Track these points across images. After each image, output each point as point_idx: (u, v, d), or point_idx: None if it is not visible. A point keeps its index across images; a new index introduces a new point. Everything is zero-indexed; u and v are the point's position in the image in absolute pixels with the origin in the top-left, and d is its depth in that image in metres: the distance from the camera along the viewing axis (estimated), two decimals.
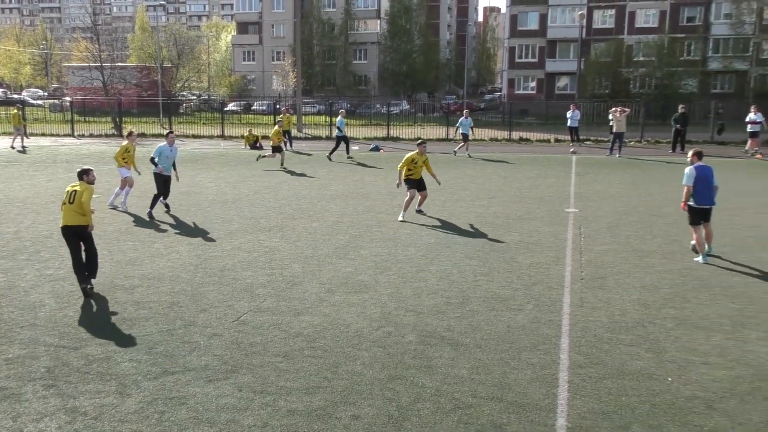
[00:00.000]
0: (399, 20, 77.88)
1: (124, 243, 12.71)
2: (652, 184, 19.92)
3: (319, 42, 77.38)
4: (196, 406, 6.33)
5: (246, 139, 33.30)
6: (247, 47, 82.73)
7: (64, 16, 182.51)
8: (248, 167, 24.58)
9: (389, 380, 6.86)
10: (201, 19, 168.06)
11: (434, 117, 52.63)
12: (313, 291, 9.76)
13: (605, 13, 62.92)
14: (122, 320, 8.58)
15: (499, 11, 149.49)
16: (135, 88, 59.72)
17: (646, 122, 35.83)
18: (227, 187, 19.69)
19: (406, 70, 76.86)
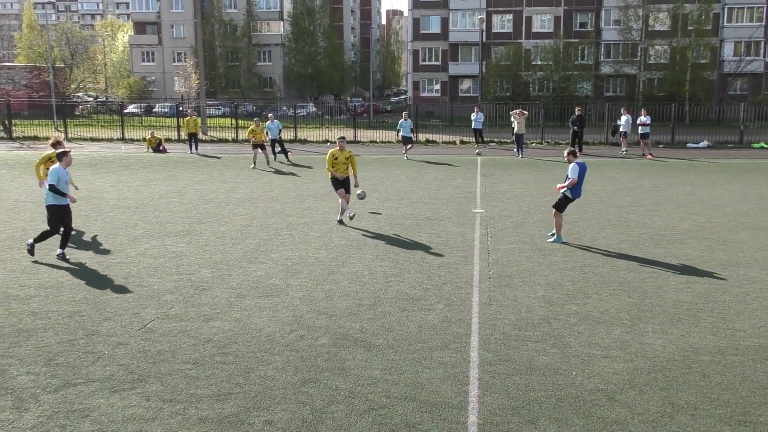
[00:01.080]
0: (302, 22, 77.48)
1: (17, 251, 12.07)
2: (554, 184, 20.62)
3: (222, 43, 75.97)
4: (101, 418, 6.09)
5: (149, 142, 32.30)
6: (146, 48, 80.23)
7: None
8: (151, 171, 23.86)
9: (303, 384, 6.81)
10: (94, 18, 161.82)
11: (342, 119, 52.72)
12: (222, 296, 9.56)
13: (503, 17, 64.81)
14: (18, 331, 8.14)
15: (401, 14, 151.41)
16: (25, 89, 56.87)
17: (545, 124, 37.08)
18: (130, 192, 19.03)
19: (311, 72, 76.56)
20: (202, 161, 27.39)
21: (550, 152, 31.14)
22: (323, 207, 16.64)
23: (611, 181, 21.32)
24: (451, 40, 65.42)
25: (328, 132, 40.72)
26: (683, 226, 14.51)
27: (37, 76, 59.18)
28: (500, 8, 64.18)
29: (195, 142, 31.06)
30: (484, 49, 50.05)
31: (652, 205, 17.13)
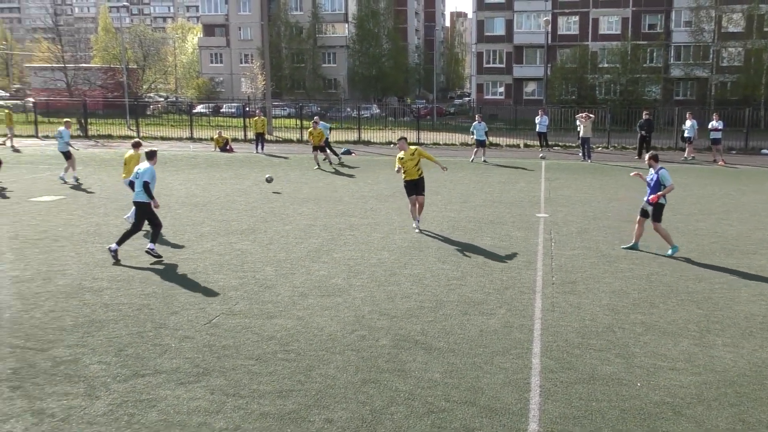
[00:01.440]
0: (367, 24, 77.93)
1: (92, 245, 12.51)
2: (620, 190, 20.20)
3: (287, 45, 77.02)
4: (167, 409, 6.25)
5: (216, 141, 33.02)
6: (214, 49, 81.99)
7: (24, 17, 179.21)
8: (218, 169, 24.39)
9: (363, 384, 6.85)
10: (166, 20, 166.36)
11: (405, 121, 52.78)
12: (285, 294, 9.70)
13: (569, 19, 63.77)
14: (91, 322, 8.44)
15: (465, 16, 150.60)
16: (100, 89, 58.90)
17: (612, 128, 36.32)
18: (197, 190, 19.50)
19: (375, 74, 76.92)
20: (267, 161, 27.84)
21: (616, 157, 30.49)
22: (386, 208, 16.71)
23: (680, 187, 20.73)
24: (516, 42, 64.75)
25: (391, 134, 40.80)
26: (757, 236, 14.00)
27: (111, 77, 61.28)
28: (566, 10, 63.18)
29: (261, 142, 31.62)
30: (549, 52, 49.34)
31: (723, 213, 16.59)
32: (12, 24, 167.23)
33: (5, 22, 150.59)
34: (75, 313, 8.80)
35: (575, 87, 58.44)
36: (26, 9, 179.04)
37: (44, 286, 9.92)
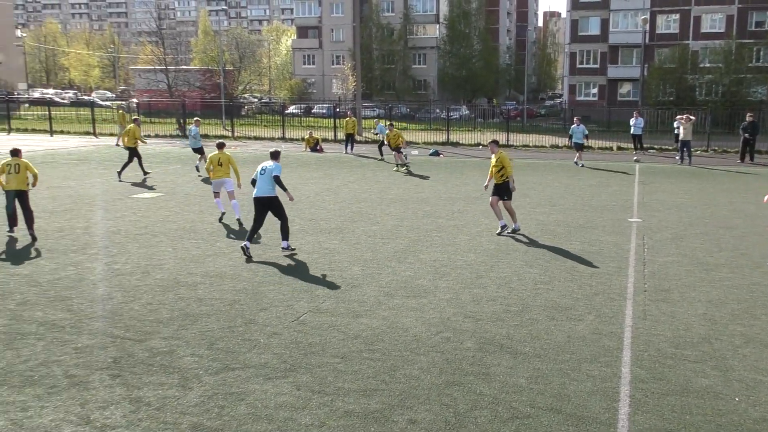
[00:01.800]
0: (458, 25, 77.62)
1: (187, 241, 12.99)
2: (720, 195, 19.35)
3: (379, 46, 77.69)
4: (255, 403, 6.42)
5: (307, 141, 33.67)
6: (307, 51, 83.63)
7: (131, 21, 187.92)
8: (308, 169, 24.86)
9: (447, 386, 6.83)
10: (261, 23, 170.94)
11: (494, 123, 52.30)
12: (372, 294, 9.79)
13: (669, 17, 61.51)
14: (185, 315, 8.77)
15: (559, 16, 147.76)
16: (198, 90, 61.02)
17: (712, 131, 34.84)
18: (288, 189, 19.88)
19: (465, 75, 76.53)
20: (357, 161, 28.16)
21: (716, 160, 29.20)
22: (473, 210, 16.60)
23: None
24: (611, 42, 63.00)
25: (480, 135, 40.53)
26: None
27: (209, 78, 63.42)
28: (666, 8, 60.95)
29: (351, 143, 32.02)
30: (646, 51, 47.74)
31: None
32: (120, 28, 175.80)
33: (114, 26, 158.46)
34: (171, 306, 9.17)
35: (673, 88, 56.26)
36: (133, 14, 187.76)
37: (143, 279, 10.38)
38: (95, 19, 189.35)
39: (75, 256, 11.68)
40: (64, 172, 23.17)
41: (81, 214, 15.50)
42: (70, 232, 13.58)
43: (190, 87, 60.66)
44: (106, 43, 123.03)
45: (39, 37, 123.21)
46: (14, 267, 10.96)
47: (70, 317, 8.65)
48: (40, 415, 6.13)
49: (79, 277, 10.41)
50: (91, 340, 7.87)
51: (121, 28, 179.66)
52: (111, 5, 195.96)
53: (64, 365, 7.19)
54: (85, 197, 17.90)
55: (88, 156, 28.67)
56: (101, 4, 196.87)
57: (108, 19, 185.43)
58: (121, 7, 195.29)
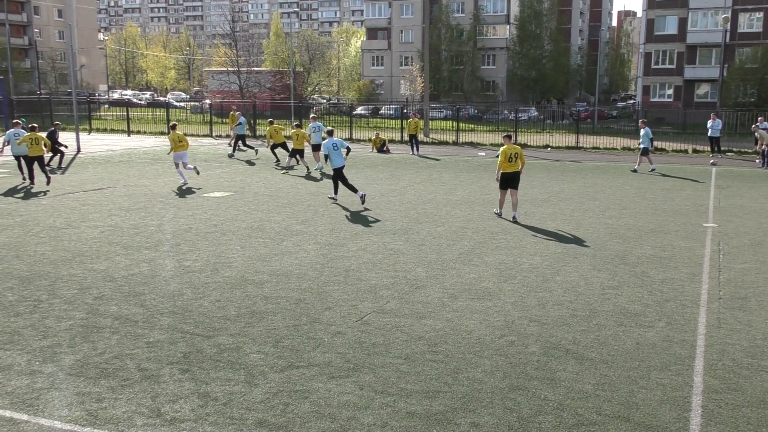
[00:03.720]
0: (529, 25, 76.68)
1: (255, 239, 13.24)
2: None
3: (447, 47, 77.45)
4: (319, 401, 6.49)
5: (373, 142, 33.87)
6: (376, 52, 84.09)
7: (206, 24, 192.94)
8: (374, 170, 24.99)
9: (510, 390, 6.76)
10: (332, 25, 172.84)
11: (564, 124, 51.43)
12: (436, 295, 9.77)
13: (752, 16, 59.18)
14: (252, 313, 8.94)
15: (634, 15, 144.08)
16: (269, 91, 62.06)
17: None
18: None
19: (535, 76, 75.56)
20: (423, 162, 28.15)
21: None
22: (540, 213, 16.37)
23: None
24: (689, 41, 61.06)
25: (549, 137, 39.94)
26: None
27: (279, 80, 64.45)
28: (749, 6, 58.66)
29: (416, 144, 32.03)
30: (726, 51, 46.06)
31: None
32: (195, 31, 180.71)
33: (189, 29, 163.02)
34: (238, 303, 9.36)
35: (755, 89, 54.15)
36: (208, 17, 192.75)
37: (212, 276, 10.63)
38: (172, 23, 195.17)
39: (148, 253, 12.05)
40: (139, 171, 23.95)
41: (154, 212, 16.00)
42: (144, 230, 14.03)
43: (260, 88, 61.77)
44: (182, 46, 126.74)
45: (120, 40, 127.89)
46: (92, 263, 11.39)
47: (142, 312, 8.94)
48: (114, 406, 6.34)
49: (152, 274, 10.74)
50: (162, 335, 8.11)
51: (197, 31, 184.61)
52: (188, 9, 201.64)
53: (137, 359, 7.42)
54: (159, 195, 18.45)
55: (162, 156, 29.55)
56: (178, 8, 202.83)
57: (184, 22, 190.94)
58: (197, 10, 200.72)
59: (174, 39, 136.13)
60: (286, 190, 19.64)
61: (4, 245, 12.55)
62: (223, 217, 15.55)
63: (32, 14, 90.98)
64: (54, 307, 9.11)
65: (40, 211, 15.98)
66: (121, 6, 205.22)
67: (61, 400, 6.44)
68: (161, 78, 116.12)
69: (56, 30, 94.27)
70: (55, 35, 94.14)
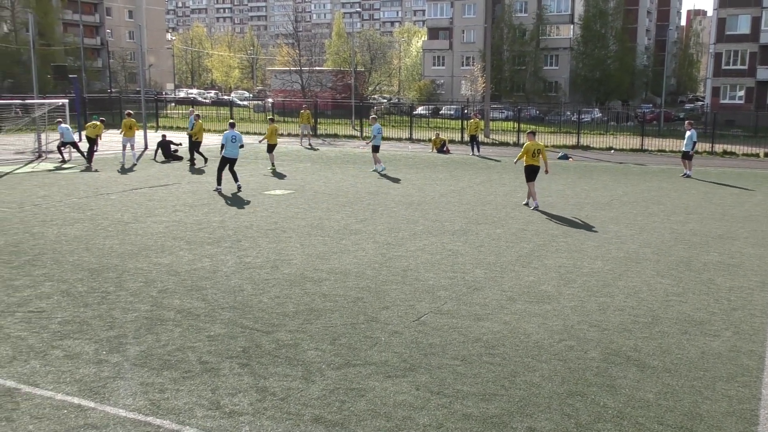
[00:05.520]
0: (593, 25, 75.29)
1: (314, 237, 13.38)
2: None
3: (510, 47, 76.72)
4: (375, 400, 6.51)
5: (433, 142, 33.80)
6: (437, 52, 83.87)
7: (270, 24, 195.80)
8: (434, 170, 24.94)
9: (569, 396, 6.65)
10: (394, 25, 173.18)
11: (628, 126, 50.34)
12: (494, 297, 9.69)
13: None
14: (310, 310, 9.03)
15: (704, 15, 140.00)
16: (330, 91, 62.65)
17: None
18: (413, 189, 20.09)
19: (599, 77, 74.15)
20: (483, 163, 27.96)
21: None
22: (602, 216, 16.06)
23: None
24: (762, 41, 58.95)
25: (612, 139, 39.16)
26: None
27: (340, 79, 65.01)
28: None
29: (477, 144, 31.83)
30: None
31: None
32: (259, 31, 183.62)
33: (254, 29, 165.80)
34: (297, 300, 9.47)
35: None
36: (272, 17, 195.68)
37: (272, 273, 10.79)
38: (237, 23, 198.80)
39: (210, 249, 12.31)
40: (201, 168, 24.46)
41: (217, 209, 16.32)
42: (207, 226, 14.33)
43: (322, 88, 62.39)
44: (246, 45, 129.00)
45: (186, 40, 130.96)
46: (157, 257, 11.70)
47: (204, 306, 9.13)
48: (176, 397, 6.51)
49: (214, 269, 10.97)
50: (223, 329, 8.27)
51: (261, 31, 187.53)
52: (252, 9, 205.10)
53: (198, 352, 7.59)
54: (222, 192, 18.80)
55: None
56: (243, 8, 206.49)
57: (249, 22, 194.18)
58: (262, 10, 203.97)
59: (238, 39, 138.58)
60: (346, 189, 19.77)
61: (76, 238, 13.00)
62: (283, 214, 15.76)
63: (104, 15, 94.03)
64: (120, 298, 9.39)
65: (109, 206, 16.50)
66: (188, 7, 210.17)
67: (126, 389, 6.64)
68: (225, 77, 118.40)
69: (127, 30, 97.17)
70: (125, 35, 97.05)
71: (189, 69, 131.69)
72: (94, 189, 19.29)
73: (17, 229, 13.72)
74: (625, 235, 14.02)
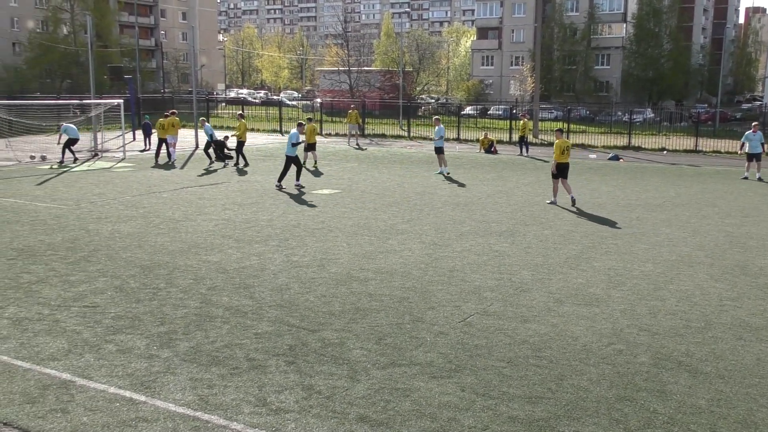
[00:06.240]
0: (647, 24, 73.83)
1: (361, 237, 13.43)
2: None
3: (560, 47, 75.80)
4: (420, 400, 6.50)
5: (481, 142, 33.60)
6: (486, 52, 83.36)
7: (319, 24, 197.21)
8: (482, 170, 24.78)
9: (617, 400, 6.54)
10: (442, 24, 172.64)
11: (681, 126, 49.22)
12: (541, 299, 9.59)
13: None
14: (356, 310, 9.07)
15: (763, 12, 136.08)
16: (378, 91, 62.79)
17: None
18: (460, 189, 20.01)
19: (652, 76, 72.66)
20: (531, 164, 27.67)
21: None
22: (653, 218, 15.74)
23: None
24: None
25: (665, 140, 38.35)
26: None
27: (388, 80, 65.07)
28: None
29: (525, 145, 31.54)
30: None
31: None
32: (309, 31, 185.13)
33: (303, 30, 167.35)
34: (343, 299, 9.52)
35: None
36: (321, 18, 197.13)
37: (318, 272, 10.87)
38: (287, 23, 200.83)
39: (258, 247, 12.46)
40: (252, 167, 24.79)
41: (265, 207, 16.52)
42: (255, 224, 14.51)
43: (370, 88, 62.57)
44: (295, 46, 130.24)
45: (237, 41, 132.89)
46: (206, 254, 11.89)
47: (252, 304, 9.25)
48: (223, 393, 6.60)
49: (261, 267, 11.10)
50: (270, 327, 8.36)
51: (310, 32, 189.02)
52: (302, 10, 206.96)
53: (246, 349, 7.69)
54: (270, 191, 19.04)
55: (274, 152, 30.47)
56: (293, 9, 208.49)
57: (299, 23, 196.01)
58: (311, 11, 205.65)
59: (288, 39, 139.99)
60: (393, 189, 19.80)
61: (129, 235, 13.31)
62: (330, 214, 15.86)
63: (159, 17, 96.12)
64: (171, 295, 9.58)
65: (161, 204, 16.84)
66: (240, 8, 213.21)
67: (176, 384, 6.76)
68: (275, 77, 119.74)
69: (180, 32, 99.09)
70: (179, 37, 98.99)
71: (239, 69, 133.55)
72: (146, 187, 19.72)
73: (74, 226, 14.11)
74: (678, 237, 13.71)
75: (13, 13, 78.59)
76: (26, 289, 9.76)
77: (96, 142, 29.85)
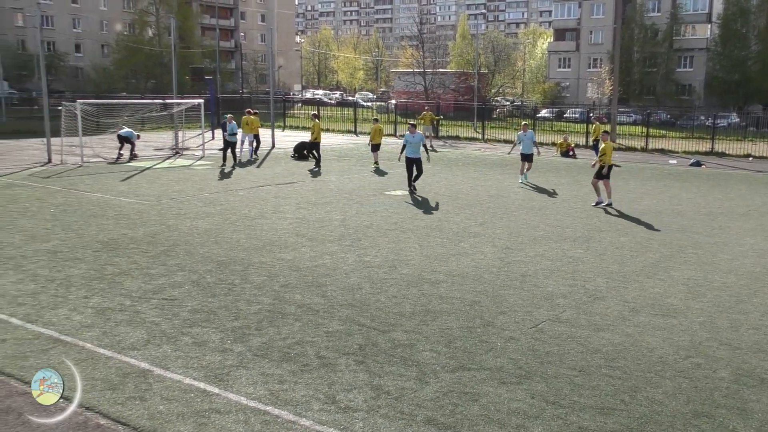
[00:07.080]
0: (733, 24, 71.01)
1: (433, 239, 13.42)
2: None
3: (640, 48, 73.76)
4: (488, 405, 6.46)
5: (559, 146, 33.06)
6: (563, 54, 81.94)
7: (395, 26, 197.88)
8: (557, 174, 24.38)
9: (694, 416, 6.33)
10: (519, 26, 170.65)
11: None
12: (615, 308, 9.37)
13: None
14: (427, 312, 9.07)
15: None
16: (453, 92, 62.48)
17: None
18: (534, 193, 19.75)
19: (738, 79, 69.84)
20: None
21: None
22: (737, 228, 15.15)
23: None
24: None
25: (751, 145, 36.83)
26: None
27: (463, 81, 64.68)
28: None
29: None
30: None
31: None
32: (384, 33, 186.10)
33: (379, 31, 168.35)
34: (413, 301, 9.54)
35: None
36: (397, 19, 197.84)
37: (390, 273, 10.92)
38: (363, 25, 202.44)
39: (331, 246, 12.61)
40: (326, 167, 25.08)
41: (339, 207, 16.70)
42: (329, 223, 14.69)
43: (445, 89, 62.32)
44: (371, 47, 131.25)
45: (314, 43, 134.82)
46: (280, 252, 12.12)
47: (323, 302, 9.37)
48: (293, 389, 6.72)
49: (334, 266, 11.23)
50: (341, 326, 8.46)
51: (386, 33, 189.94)
52: (378, 11, 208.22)
53: (316, 346, 7.80)
54: (344, 191, 19.24)
55: (348, 153, 30.76)
56: (370, 11, 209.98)
57: (375, 24, 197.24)
58: (387, 13, 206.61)
59: (364, 41, 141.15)
60: (466, 192, 19.70)
61: (206, 231, 13.69)
62: (403, 215, 15.90)
63: (239, 19, 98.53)
64: (245, 291, 9.81)
65: (237, 202, 17.24)
66: (317, 10, 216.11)
67: (248, 378, 6.92)
68: (350, 78, 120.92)
69: (259, 33, 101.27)
70: (257, 38, 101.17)
71: (316, 70, 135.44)
72: (224, 185, 20.23)
73: (155, 221, 14.61)
74: (763, 248, 13.16)
75: (102, 17, 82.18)
76: (110, 281, 10.17)
77: (177, 141, 30.80)
